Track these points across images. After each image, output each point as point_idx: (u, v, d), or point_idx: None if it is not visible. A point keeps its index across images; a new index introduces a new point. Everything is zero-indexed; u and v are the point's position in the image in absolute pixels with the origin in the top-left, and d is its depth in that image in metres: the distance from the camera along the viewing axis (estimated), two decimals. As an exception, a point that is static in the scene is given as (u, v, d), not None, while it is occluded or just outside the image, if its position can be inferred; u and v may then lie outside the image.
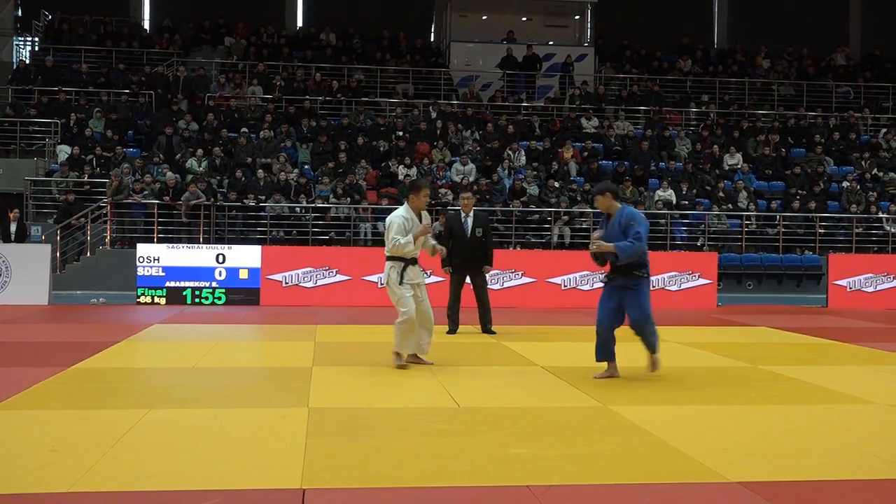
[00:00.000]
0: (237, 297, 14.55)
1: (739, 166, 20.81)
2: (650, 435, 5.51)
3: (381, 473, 4.59)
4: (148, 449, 5.09)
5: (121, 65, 22.61)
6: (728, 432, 5.70)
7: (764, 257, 18.55)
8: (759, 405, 6.64)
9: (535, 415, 6.11)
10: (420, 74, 23.94)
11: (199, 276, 14.50)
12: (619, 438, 5.45)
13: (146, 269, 14.42)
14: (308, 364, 8.21)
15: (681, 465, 4.87)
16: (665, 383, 7.54)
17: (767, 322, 12.81)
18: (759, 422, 6.02)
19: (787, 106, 24.51)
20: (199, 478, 4.49)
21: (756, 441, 5.47)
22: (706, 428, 5.82)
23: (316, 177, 18.89)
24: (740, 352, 9.53)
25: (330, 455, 4.95)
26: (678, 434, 5.54)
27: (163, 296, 14.40)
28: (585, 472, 4.70)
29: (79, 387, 7.05)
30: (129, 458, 4.85)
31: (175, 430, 5.55)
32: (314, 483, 4.40)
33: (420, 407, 6.36)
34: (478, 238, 10.77)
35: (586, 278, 14.96)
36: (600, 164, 20.32)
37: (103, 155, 18.86)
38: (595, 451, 5.12)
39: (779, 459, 5.03)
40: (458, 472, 4.66)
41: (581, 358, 9.02)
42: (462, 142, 20.96)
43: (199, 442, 5.26)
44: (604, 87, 24.14)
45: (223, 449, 5.11)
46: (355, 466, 4.72)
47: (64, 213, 16.87)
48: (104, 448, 4.99)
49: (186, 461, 4.81)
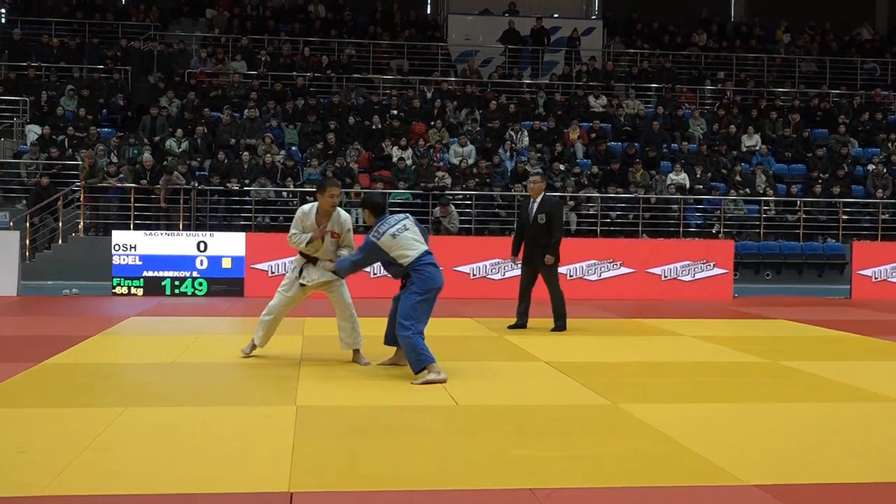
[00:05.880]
0: (220, 287, 14.53)
1: (757, 148, 20.80)
2: (661, 435, 5.52)
3: (373, 475, 4.60)
4: (125, 450, 5.09)
5: (94, 38, 22.53)
6: (744, 432, 5.71)
7: (783, 245, 18.56)
8: (777, 403, 6.65)
9: (538, 413, 6.12)
10: (416, 49, 23.88)
11: (179, 265, 14.49)
12: (628, 438, 5.47)
13: (122, 258, 14.40)
14: (296, 359, 8.21)
15: (694, 466, 4.88)
16: (678, 380, 7.55)
17: (787, 314, 12.83)
18: (777, 420, 6.03)
19: (808, 83, 24.49)
20: (179, 480, 4.50)
21: (774, 441, 5.48)
22: (721, 427, 5.83)
23: (304, 159, 18.87)
24: (758, 346, 9.54)
25: (319, 456, 4.96)
26: (691, 434, 5.55)
27: (140, 286, 14.39)
28: (592, 474, 4.71)
29: (50, 384, 7.05)
30: (104, 460, 4.85)
31: (154, 429, 5.55)
32: (302, 486, 4.41)
33: (415, 405, 6.37)
34: (540, 225, 10.55)
35: (594, 268, 14.97)
36: (608, 146, 20.31)
37: (76, 135, 18.82)
38: (602, 451, 5.14)
39: (798, 460, 5.04)
40: (456, 473, 4.67)
41: (588, 353, 9.04)
42: (460, 122, 20.94)
43: (179, 442, 5.27)
44: (612, 63, 24.10)
45: (205, 450, 5.11)
46: (346, 468, 4.73)
47: (36, 198, 16.85)
48: (78, 449, 5.00)
49: (166, 463, 4.82)
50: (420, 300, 7.38)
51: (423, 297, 7.38)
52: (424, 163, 18.65)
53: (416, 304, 7.37)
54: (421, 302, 7.38)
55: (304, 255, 8.02)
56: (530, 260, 10.68)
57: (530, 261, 10.68)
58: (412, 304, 7.38)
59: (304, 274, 8.01)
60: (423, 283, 7.39)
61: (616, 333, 10.63)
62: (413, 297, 7.39)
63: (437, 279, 7.53)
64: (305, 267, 8.02)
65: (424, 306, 7.43)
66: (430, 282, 7.41)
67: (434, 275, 7.49)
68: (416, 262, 7.41)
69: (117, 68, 21.50)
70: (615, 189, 18.55)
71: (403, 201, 17.96)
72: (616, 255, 15.16)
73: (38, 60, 21.41)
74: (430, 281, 7.41)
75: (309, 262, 8.01)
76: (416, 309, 7.37)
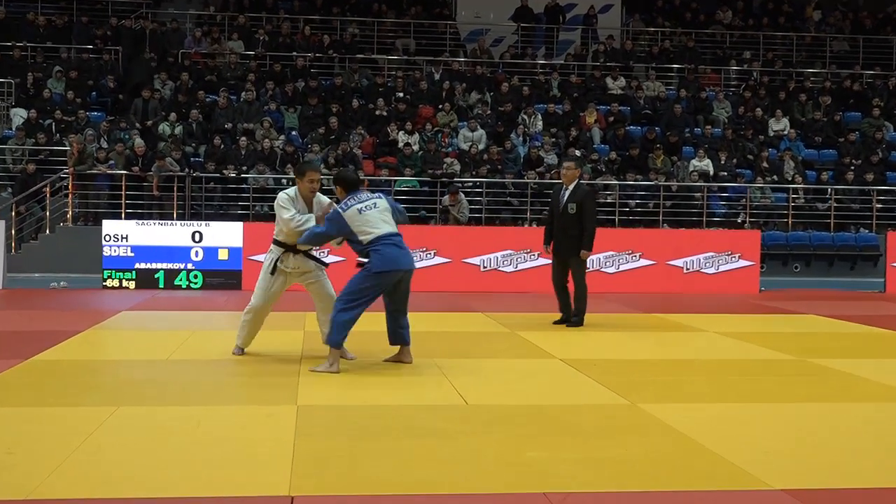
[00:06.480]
0: (216, 280, 14.56)
1: (786, 133, 20.73)
2: (683, 436, 5.53)
3: (377, 478, 4.61)
4: (117, 451, 5.11)
5: (83, 17, 22.56)
6: (771, 433, 5.71)
7: (813, 236, 18.51)
8: (806, 403, 6.65)
9: (552, 413, 6.13)
10: (422, 28, 23.84)
11: (173, 256, 14.52)
12: (648, 440, 5.47)
13: (113, 249, 14.44)
14: (296, 356, 8.23)
15: (717, 470, 4.88)
16: (700, 378, 7.55)
17: (816, 309, 12.81)
18: (806, 421, 6.03)
19: (840, 64, 24.37)
20: (174, 483, 4.51)
21: (803, 443, 5.48)
22: (746, 428, 5.83)
23: (305, 144, 18.88)
24: (785, 343, 9.53)
25: (321, 458, 4.97)
26: (714, 435, 5.55)
27: (132, 279, 14.43)
28: (610, 477, 4.71)
29: (38, 381, 7.08)
30: (95, 462, 4.87)
31: (147, 430, 5.57)
32: (303, 489, 4.42)
33: (422, 404, 6.38)
34: (570, 215, 10.45)
35: (612, 259, 14.96)
36: (627, 130, 20.27)
37: (63, 119, 18.86)
38: (620, 454, 5.14)
39: (829, 464, 5.04)
40: (466, 477, 4.68)
41: (605, 349, 9.04)
42: (470, 105, 20.91)
43: (173, 443, 5.29)
44: (632, 42, 24.03)
45: (201, 451, 5.13)
46: (349, 470, 4.74)
47: (22, 186, 16.90)
48: (67, 450, 5.02)
49: (160, 465, 4.84)
50: (369, 284, 7.32)
51: (373, 280, 7.31)
52: (432, 148, 18.64)
53: (364, 285, 7.34)
54: (369, 285, 7.33)
55: (281, 244, 7.92)
56: (559, 251, 10.65)
57: (559, 252, 10.65)
58: (358, 284, 7.35)
59: (282, 261, 7.90)
60: (380, 262, 7.29)
61: (635, 329, 10.62)
62: (363, 276, 7.34)
63: (400, 261, 7.42)
64: (283, 256, 7.91)
65: (372, 291, 7.37)
66: (388, 262, 7.31)
67: (394, 255, 7.37)
68: (377, 240, 7.33)
69: (107, 48, 21.52)
70: (634, 176, 18.51)
71: (410, 189, 17.97)
72: (635, 247, 15.14)
73: (23, 40, 21.44)
74: (388, 262, 7.31)
75: (288, 251, 7.91)
76: (361, 291, 7.34)
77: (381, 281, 7.38)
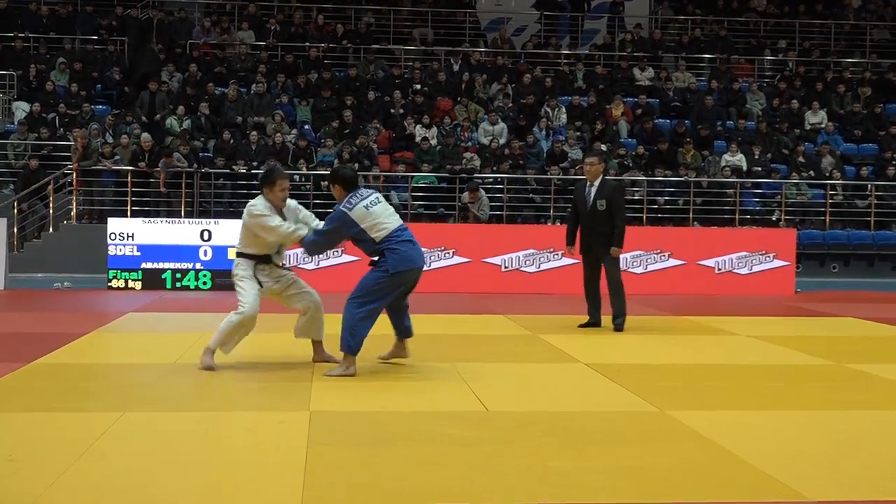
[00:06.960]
0: (226, 280, 14.60)
1: (823, 126, 20.64)
2: (714, 445, 5.51)
3: (393, 489, 4.62)
4: (122, 458, 5.14)
5: (87, 6, 22.70)
6: (807, 442, 5.69)
7: (852, 234, 18.42)
8: (843, 410, 6.61)
9: (577, 420, 6.12)
10: (441, 17, 23.88)
11: (181, 256, 14.58)
12: (677, 448, 5.46)
13: (118, 248, 14.51)
14: (309, 360, 8.25)
15: (750, 480, 4.86)
16: (733, 384, 7.52)
17: (855, 312, 12.74)
18: (843, 430, 6.00)
19: (880, 53, 24.25)
20: (181, 492, 4.54)
21: (841, 453, 5.45)
22: (781, 437, 5.81)
23: (318, 139, 18.93)
24: (822, 347, 9.48)
25: (335, 467, 4.99)
26: (747, 444, 5.53)
27: (138, 279, 14.50)
28: (637, 488, 4.71)
29: (41, 385, 7.12)
30: (100, 469, 4.90)
31: (154, 436, 5.60)
32: (316, 500, 4.43)
33: (440, 410, 6.38)
34: (600, 212, 10.38)
35: (639, 259, 14.93)
36: (656, 124, 20.24)
37: (67, 113, 18.99)
38: (649, 463, 5.13)
39: (868, 475, 5.01)
40: (486, 487, 4.68)
41: (632, 353, 9.02)
42: (491, 97, 20.91)
43: (181, 450, 5.31)
44: (660, 31, 23.98)
45: (210, 459, 5.16)
46: (364, 480, 4.75)
47: (24, 182, 17.01)
48: (71, 457, 5.05)
49: (167, 473, 4.86)
50: (386, 280, 7.29)
51: (389, 279, 7.28)
52: (451, 143, 18.66)
53: (380, 283, 7.30)
54: (385, 283, 7.30)
55: (250, 256, 7.69)
56: (589, 250, 10.59)
57: (589, 251, 10.60)
58: (374, 282, 7.31)
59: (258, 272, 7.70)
60: (398, 262, 7.27)
61: (664, 332, 10.59)
62: (378, 274, 7.30)
63: (416, 259, 7.42)
64: (257, 270, 7.70)
65: (388, 290, 7.34)
66: (406, 261, 7.30)
67: (411, 254, 7.36)
68: (391, 237, 7.31)
69: (112, 39, 21.65)
70: (663, 172, 18.46)
71: (428, 185, 17.98)
72: (664, 246, 15.10)
73: (25, 30, 21.61)
74: (406, 262, 7.30)
75: (260, 262, 7.73)
76: (377, 290, 7.31)
77: (399, 280, 7.38)
